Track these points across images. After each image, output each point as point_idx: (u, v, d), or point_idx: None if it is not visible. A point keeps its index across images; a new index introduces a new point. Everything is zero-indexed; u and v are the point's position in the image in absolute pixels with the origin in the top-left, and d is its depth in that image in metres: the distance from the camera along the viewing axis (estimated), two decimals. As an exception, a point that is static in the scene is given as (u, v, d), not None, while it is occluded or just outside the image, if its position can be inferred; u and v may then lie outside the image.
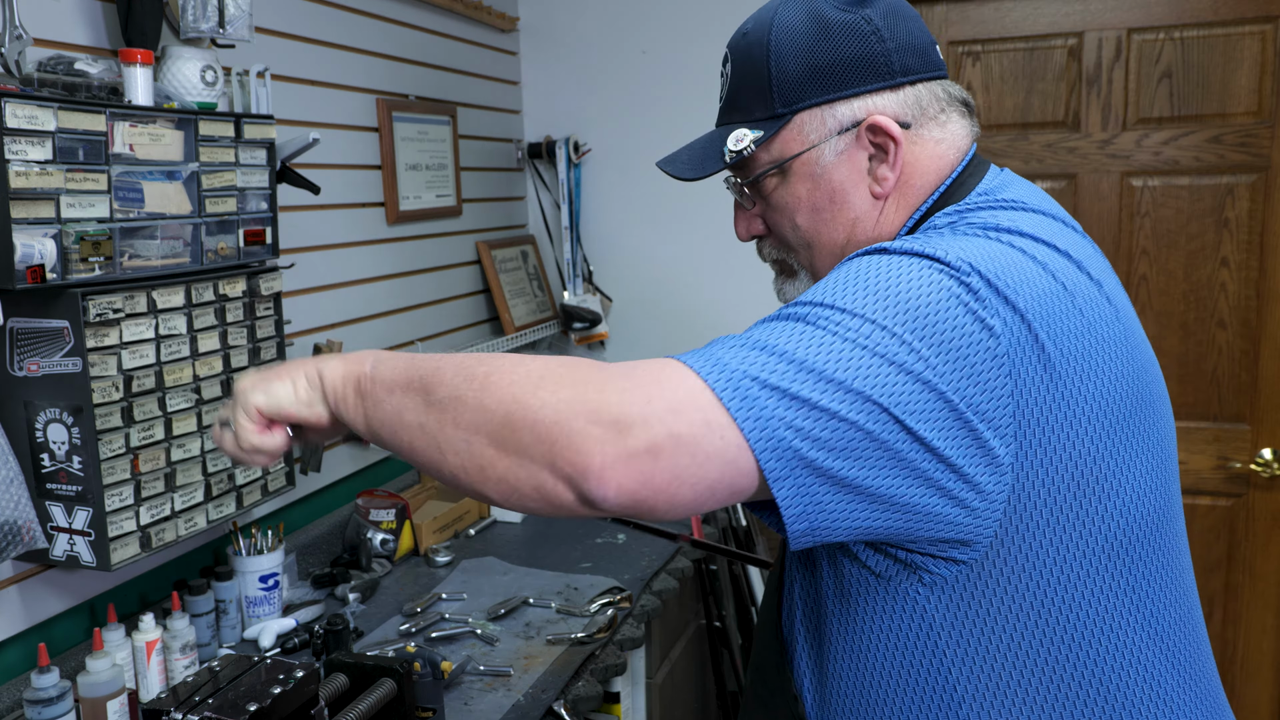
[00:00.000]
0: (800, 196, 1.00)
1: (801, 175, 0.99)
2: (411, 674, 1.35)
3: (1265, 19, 2.42)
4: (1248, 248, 2.51)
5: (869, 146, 0.97)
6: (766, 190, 1.03)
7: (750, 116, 1.00)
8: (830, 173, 0.98)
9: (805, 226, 1.02)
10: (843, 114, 0.97)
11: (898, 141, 0.96)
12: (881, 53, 0.96)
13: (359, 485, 2.27)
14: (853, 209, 0.99)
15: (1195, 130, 2.51)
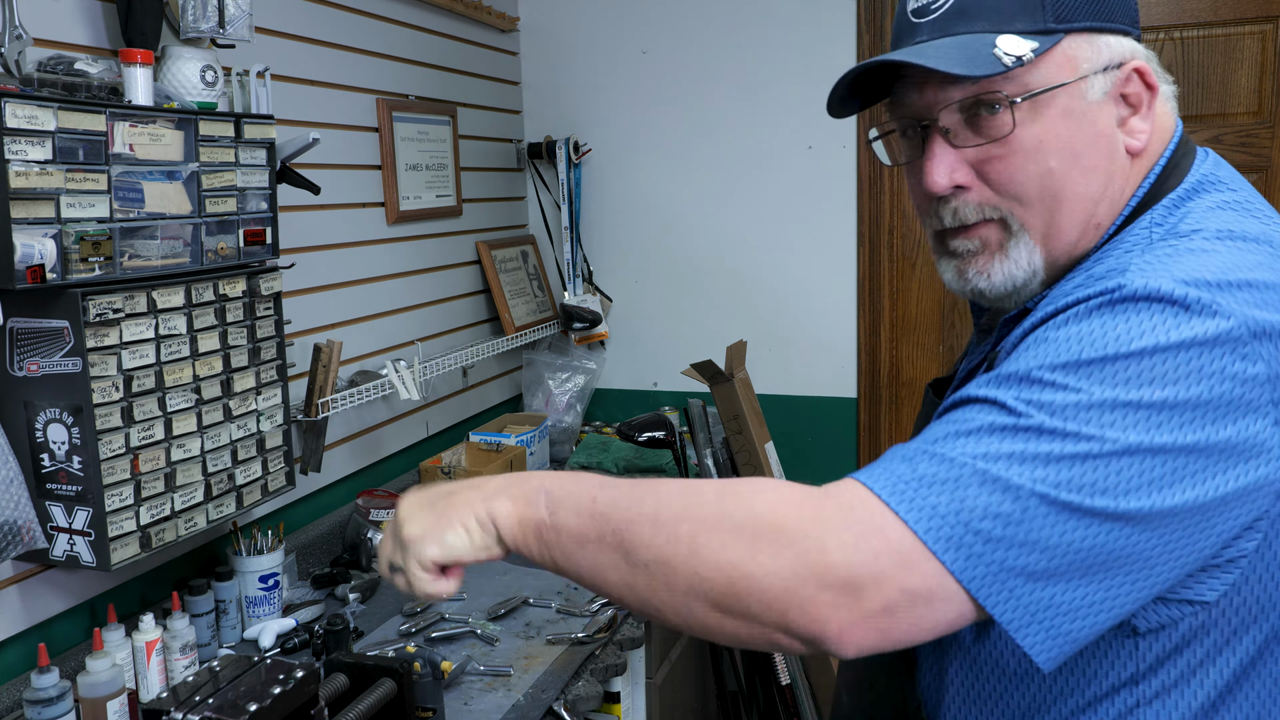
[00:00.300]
0: (1059, 135, 0.84)
1: (1062, 111, 0.84)
2: (411, 674, 1.34)
3: (1265, 19, 2.42)
4: (1248, 248, 2.51)
5: (1123, 97, 0.86)
6: (1003, 127, 0.84)
7: (1009, 25, 0.83)
8: (1095, 113, 0.84)
9: (1060, 172, 0.84)
10: (1115, 48, 0.85)
11: (1155, 92, 0.86)
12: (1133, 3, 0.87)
13: (359, 485, 2.27)
14: (1113, 160, 0.86)
15: (1195, 130, 2.51)
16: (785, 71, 2.77)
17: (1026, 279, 0.88)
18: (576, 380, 2.95)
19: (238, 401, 1.64)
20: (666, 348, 2.97)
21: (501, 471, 2.42)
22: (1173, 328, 0.71)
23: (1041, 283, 0.88)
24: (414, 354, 2.35)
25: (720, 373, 2.31)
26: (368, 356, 2.27)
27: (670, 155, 2.90)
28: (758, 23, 2.79)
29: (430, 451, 2.53)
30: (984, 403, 0.74)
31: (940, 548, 0.69)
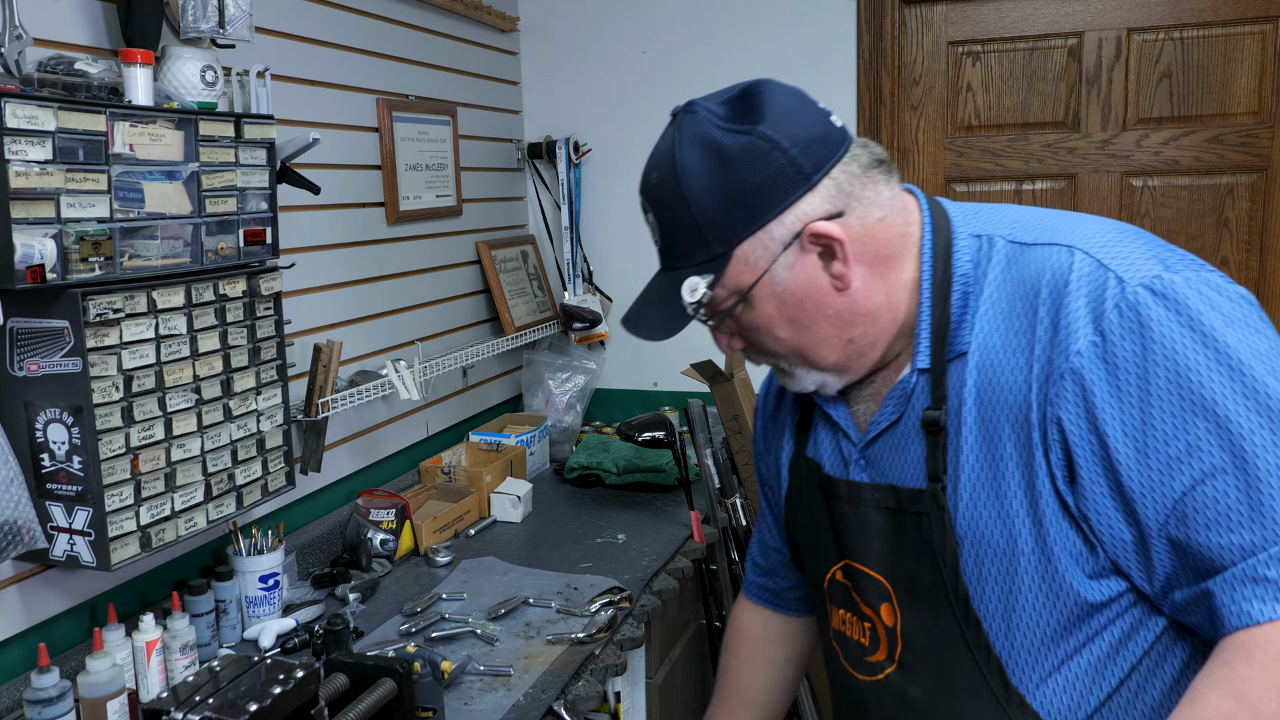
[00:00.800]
0: (771, 315, 1.02)
1: (764, 298, 1.01)
2: (411, 674, 1.34)
3: (1265, 19, 2.42)
4: (1248, 248, 2.51)
5: (814, 249, 0.98)
6: (737, 317, 1.04)
7: (694, 261, 1.01)
8: (790, 286, 1.00)
9: (787, 338, 1.03)
10: (778, 233, 0.98)
11: (840, 240, 0.97)
12: (789, 163, 0.96)
13: (359, 485, 2.27)
14: (828, 306, 1.00)
15: (1195, 130, 2.51)
16: (785, 72, 2.77)
17: (819, 384, 1.08)
18: (576, 380, 2.95)
19: (238, 401, 1.64)
20: (666, 348, 2.96)
21: (501, 471, 2.42)
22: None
23: (856, 371, 1.06)
24: (414, 354, 2.35)
25: (720, 373, 2.31)
26: (368, 356, 2.27)
27: (670, 155, 2.90)
28: (758, 23, 2.79)
29: (430, 451, 2.53)
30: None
31: None
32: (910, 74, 2.71)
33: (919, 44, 2.70)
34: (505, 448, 2.54)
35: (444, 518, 2.21)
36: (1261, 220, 2.49)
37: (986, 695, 0.99)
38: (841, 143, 0.99)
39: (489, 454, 2.53)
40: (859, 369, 1.05)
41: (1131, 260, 0.90)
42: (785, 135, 0.96)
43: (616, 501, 2.48)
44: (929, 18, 2.68)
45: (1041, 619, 0.95)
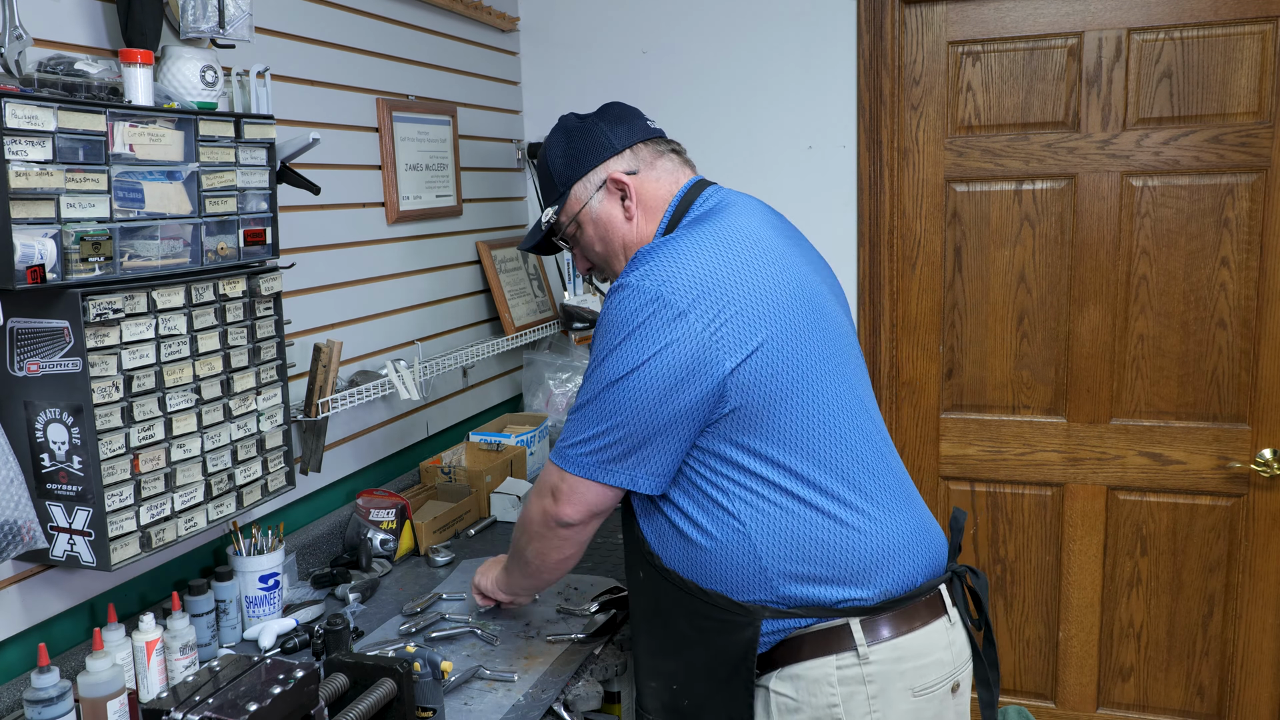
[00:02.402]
0: (591, 235, 1.58)
1: (586, 222, 1.57)
2: (411, 674, 1.35)
3: (1265, 19, 2.42)
4: (1248, 248, 2.51)
5: (616, 191, 1.54)
6: (578, 239, 1.61)
7: (550, 200, 1.60)
8: (599, 214, 1.56)
9: (601, 250, 1.59)
10: (594, 179, 1.55)
11: (628, 184, 1.53)
12: (606, 139, 1.55)
13: (359, 485, 2.27)
14: (619, 230, 1.56)
15: (1195, 130, 2.51)
16: (785, 71, 2.77)
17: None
18: (576, 380, 2.95)
19: (238, 401, 1.64)
20: (666, 348, 2.96)
21: (501, 471, 2.42)
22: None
23: None
24: (414, 354, 2.35)
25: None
26: (368, 356, 2.27)
27: (670, 155, 2.90)
28: (758, 23, 2.79)
29: (430, 451, 2.53)
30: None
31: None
32: (910, 74, 2.71)
33: (919, 44, 2.70)
34: (505, 448, 2.53)
35: (444, 518, 2.21)
36: (1261, 220, 2.49)
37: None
38: (650, 134, 1.57)
39: (489, 454, 2.53)
40: None
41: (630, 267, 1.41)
42: (609, 124, 1.56)
43: (616, 501, 2.48)
44: (929, 18, 2.67)
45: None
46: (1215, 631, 2.69)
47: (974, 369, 2.78)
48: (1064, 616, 2.81)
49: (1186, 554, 2.68)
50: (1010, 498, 2.81)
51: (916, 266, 2.78)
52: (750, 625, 1.36)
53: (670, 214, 1.52)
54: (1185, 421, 2.62)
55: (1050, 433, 2.74)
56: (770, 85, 2.78)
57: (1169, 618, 2.72)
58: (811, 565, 1.35)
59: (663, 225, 1.52)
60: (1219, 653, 2.69)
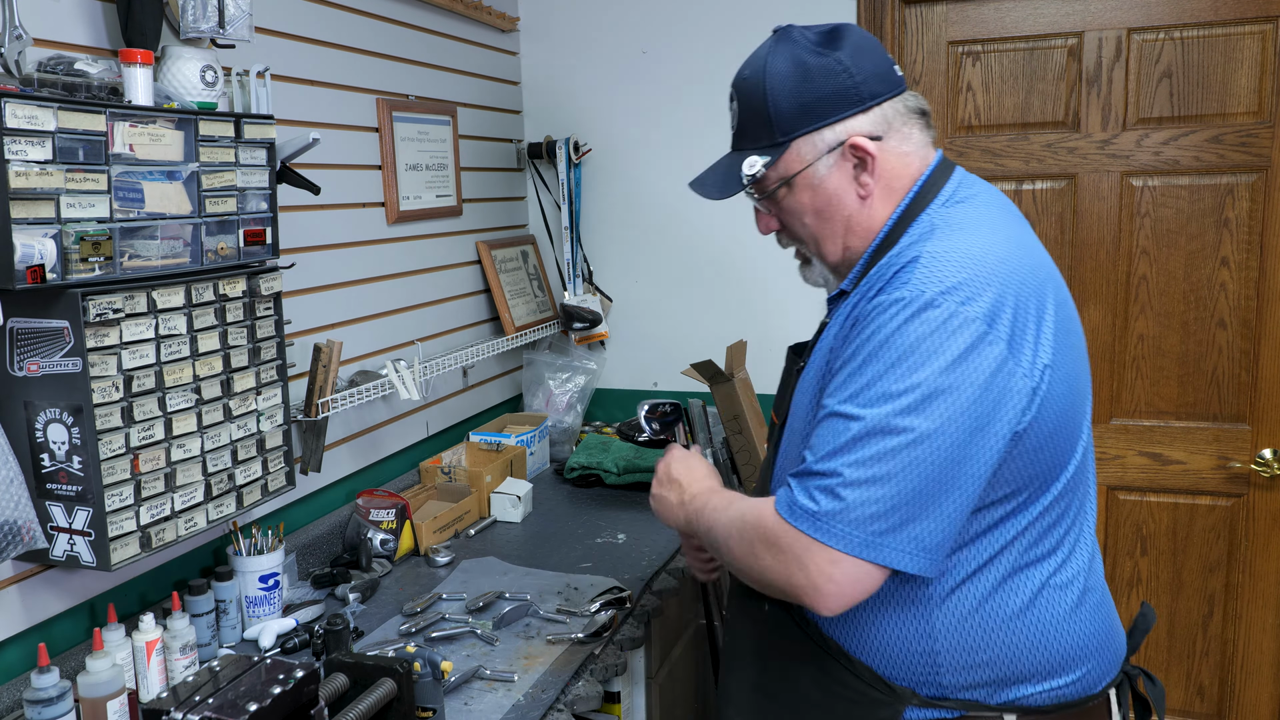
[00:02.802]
0: (804, 203, 1.26)
1: (803, 187, 1.25)
2: (411, 674, 1.34)
3: (1265, 19, 2.42)
4: (1248, 248, 2.51)
5: (852, 159, 1.23)
6: (779, 199, 1.28)
7: (758, 144, 1.26)
8: (825, 183, 1.24)
9: (812, 224, 1.28)
10: (828, 137, 1.22)
11: (873, 155, 1.21)
12: (852, 85, 1.21)
13: (359, 485, 2.27)
14: (846, 208, 1.25)
15: (1195, 130, 2.51)
16: (785, 71, 2.77)
17: (825, 279, 1.34)
18: (576, 380, 2.95)
19: (238, 401, 1.64)
20: (666, 348, 2.97)
21: (501, 471, 2.42)
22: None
23: (843, 277, 1.30)
24: (414, 354, 2.35)
25: (720, 373, 2.31)
26: (368, 356, 2.27)
27: (670, 155, 2.90)
28: (758, 23, 2.78)
29: (430, 451, 2.53)
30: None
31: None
32: (910, 74, 2.71)
33: (919, 44, 2.70)
34: (505, 448, 2.53)
35: (444, 518, 2.21)
36: (1261, 220, 2.49)
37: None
38: (898, 86, 1.24)
39: (489, 454, 2.53)
40: (843, 274, 1.30)
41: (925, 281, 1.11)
42: (857, 65, 1.21)
43: (616, 501, 2.48)
44: (929, 18, 2.67)
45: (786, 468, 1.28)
46: (1215, 631, 2.69)
47: (974, 369, 2.77)
48: (1064, 616, 2.81)
49: (1186, 554, 2.68)
50: (1010, 498, 2.81)
51: (916, 266, 2.78)
52: (891, 708, 1.17)
53: (912, 197, 1.23)
54: (1185, 421, 2.62)
55: (1050, 433, 2.73)
56: (770, 85, 2.78)
57: (1169, 618, 2.72)
58: (994, 671, 1.16)
59: (900, 210, 1.23)
60: (1219, 653, 2.69)
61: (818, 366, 1.22)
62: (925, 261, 1.12)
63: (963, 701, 1.16)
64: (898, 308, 1.09)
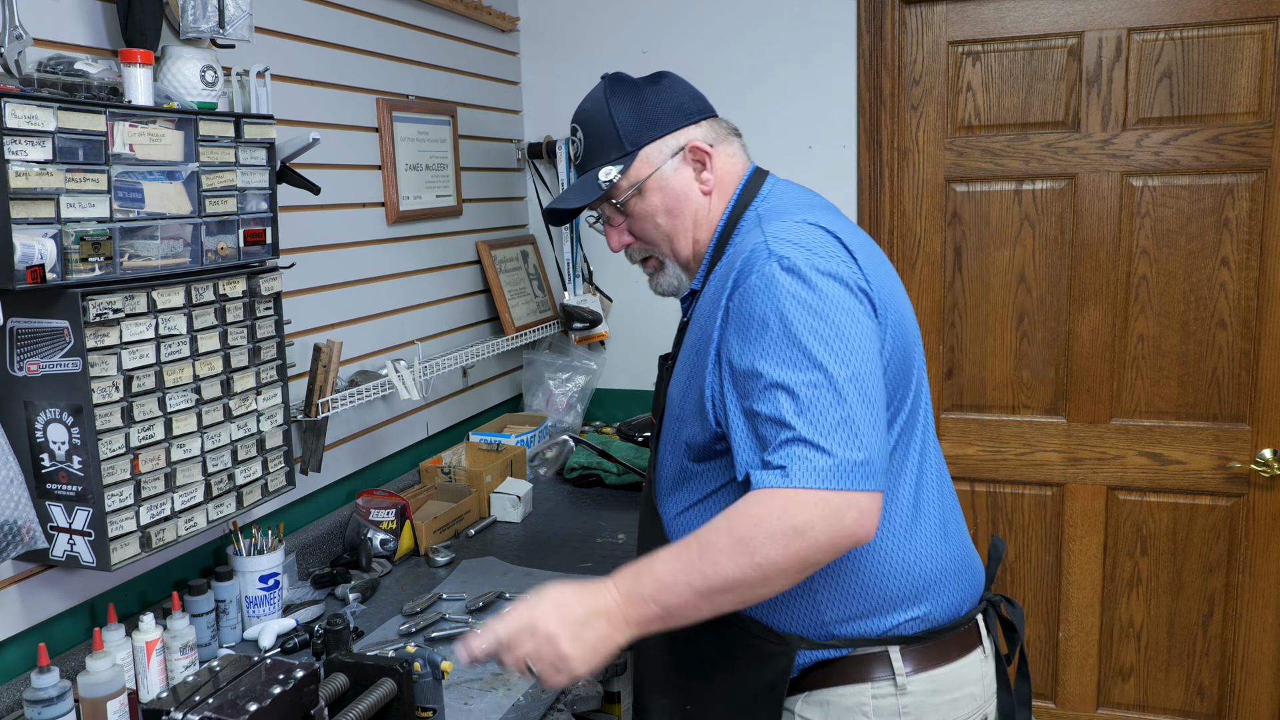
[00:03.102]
0: (655, 204, 1.42)
1: (653, 189, 1.42)
2: (411, 674, 1.34)
3: (1265, 19, 2.42)
4: (1248, 248, 2.51)
5: (692, 161, 1.41)
6: (630, 207, 1.43)
7: (608, 158, 1.42)
8: (672, 182, 1.41)
9: (664, 223, 1.43)
10: (671, 143, 1.42)
11: (710, 154, 1.41)
12: (681, 104, 1.44)
13: (359, 485, 2.27)
14: (693, 203, 1.42)
15: (1195, 130, 2.51)
16: (785, 71, 2.77)
17: (679, 282, 1.48)
18: (576, 380, 2.95)
19: (238, 401, 1.64)
20: (666, 348, 2.96)
21: (501, 471, 2.42)
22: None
23: (691, 275, 1.46)
24: (414, 354, 2.35)
25: (720, 373, 2.30)
26: (368, 356, 2.27)
27: (670, 155, 2.90)
28: (758, 23, 2.79)
29: (430, 451, 2.53)
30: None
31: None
32: (910, 74, 2.71)
33: (919, 44, 2.70)
34: (505, 448, 2.53)
35: (444, 518, 2.21)
36: (1261, 220, 2.49)
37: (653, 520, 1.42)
38: (712, 112, 1.48)
39: (489, 454, 2.53)
40: (693, 272, 1.46)
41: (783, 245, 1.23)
42: (682, 91, 1.46)
43: (616, 501, 2.48)
44: (929, 18, 2.67)
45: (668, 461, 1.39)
46: (1215, 631, 2.69)
47: (974, 369, 2.78)
48: (1064, 616, 2.81)
49: (1186, 554, 2.68)
50: (1010, 498, 2.81)
51: (916, 266, 2.78)
52: (785, 655, 1.27)
53: (738, 196, 1.41)
54: (1185, 421, 2.62)
55: (1050, 433, 2.74)
56: (770, 85, 2.78)
57: (1169, 618, 2.72)
58: (867, 600, 1.27)
59: (730, 207, 1.41)
60: (1219, 653, 2.69)
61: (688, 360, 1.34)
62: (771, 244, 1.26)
63: (848, 639, 1.27)
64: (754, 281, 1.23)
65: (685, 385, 1.33)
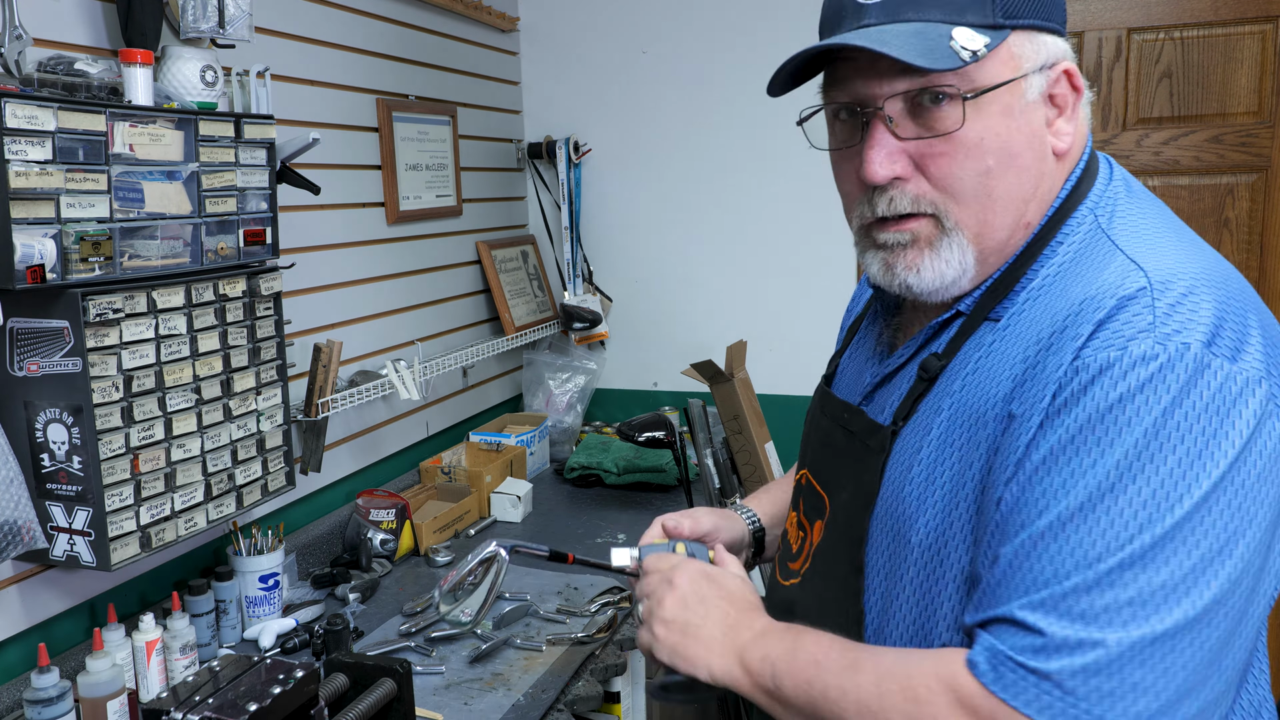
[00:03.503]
0: (999, 133, 0.83)
1: (1003, 108, 0.84)
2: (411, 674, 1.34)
3: (1265, 19, 2.42)
4: (1248, 248, 2.51)
5: (1050, 96, 0.86)
6: (949, 122, 0.83)
7: (961, 17, 0.83)
8: (1029, 113, 0.85)
9: (996, 171, 0.84)
10: (1051, 48, 0.86)
11: (1079, 94, 0.88)
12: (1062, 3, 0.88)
13: (359, 485, 2.27)
14: (1044, 161, 0.87)
15: (1195, 130, 2.51)
16: (785, 71, 2.77)
17: (956, 277, 0.88)
18: (576, 380, 2.95)
19: (238, 401, 1.64)
20: (666, 348, 2.97)
21: (501, 471, 2.42)
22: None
23: (983, 275, 0.89)
24: (414, 354, 2.35)
25: (720, 373, 2.31)
26: (368, 356, 2.27)
27: (670, 155, 2.90)
28: (758, 23, 2.79)
29: (430, 451, 2.53)
30: None
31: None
32: (910, 74, 2.71)
33: (919, 44, 2.70)
34: (505, 448, 2.53)
35: (444, 518, 2.21)
36: (1261, 220, 2.49)
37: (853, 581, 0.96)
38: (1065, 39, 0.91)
39: (489, 454, 2.53)
40: (987, 273, 0.89)
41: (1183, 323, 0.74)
42: None
43: (616, 501, 2.48)
44: (929, 18, 2.68)
45: (913, 612, 0.87)
46: (1215, 631, 2.69)
47: (974, 369, 2.77)
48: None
49: (1186, 554, 2.68)
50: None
51: (916, 266, 2.78)
52: None
53: (1074, 182, 0.89)
54: (1185, 421, 2.62)
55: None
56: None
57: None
58: None
59: (1068, 186, 0.89)
60: (1219, 653, 2.69)
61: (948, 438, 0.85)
62: (1162, 292, 0.76)
63: None
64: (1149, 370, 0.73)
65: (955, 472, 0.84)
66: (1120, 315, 0.76)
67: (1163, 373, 0.72)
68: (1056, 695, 0.69)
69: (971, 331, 0.88)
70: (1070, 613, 0.71)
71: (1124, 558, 0.70)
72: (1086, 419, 0.74)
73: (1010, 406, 0.80)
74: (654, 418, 2.30)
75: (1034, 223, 0.88)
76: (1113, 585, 0.70)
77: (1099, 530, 0.71)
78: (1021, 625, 0.72)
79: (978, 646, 0.75)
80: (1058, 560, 0.72)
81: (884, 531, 0.90)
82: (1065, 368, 0.76)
